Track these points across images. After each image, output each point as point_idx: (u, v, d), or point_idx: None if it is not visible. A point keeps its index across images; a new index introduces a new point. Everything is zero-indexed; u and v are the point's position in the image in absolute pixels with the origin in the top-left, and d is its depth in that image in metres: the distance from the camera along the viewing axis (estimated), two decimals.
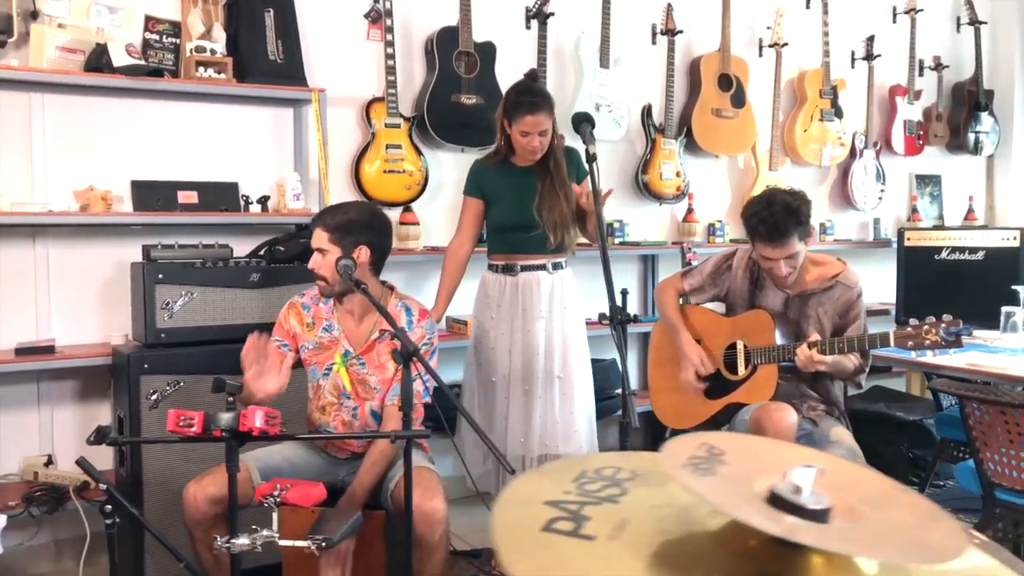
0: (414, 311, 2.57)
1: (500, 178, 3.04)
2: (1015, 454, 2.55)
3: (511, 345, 3.02)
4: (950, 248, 4.71)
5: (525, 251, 3.02)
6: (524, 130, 2.92)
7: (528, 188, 3.00)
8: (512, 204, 3.01)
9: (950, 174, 5.71)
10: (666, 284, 3.11)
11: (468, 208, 3.12)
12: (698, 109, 4.53)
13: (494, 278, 3.08)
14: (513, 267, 3.04)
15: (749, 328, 2.86)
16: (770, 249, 2.69)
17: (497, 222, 3.07)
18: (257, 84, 3.31)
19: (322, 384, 2.56)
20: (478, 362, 3.12)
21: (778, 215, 2.66)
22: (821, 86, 4.95)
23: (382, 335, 2.52)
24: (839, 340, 2.66)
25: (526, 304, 3.02)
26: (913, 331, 2.57)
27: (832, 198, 5.25)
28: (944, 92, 5.51)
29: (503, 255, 3.07)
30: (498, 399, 3.03)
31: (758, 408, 2.70)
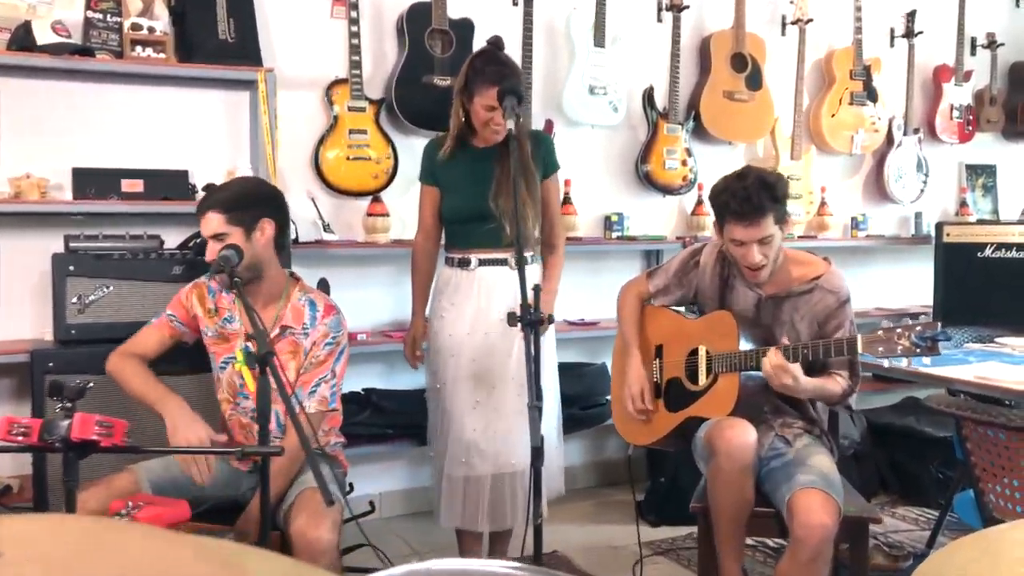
0: (319, 306, 2.31)
1: (455, 163, 2.72)
2: (1018, 484, 2.15)
3: (461, 348, 2.71)
4: (995, 245, 4.22)
5: (483, 245, 2.70)
6: (489, 103, 2.57)
7: (485, 174, 2.68)
8: (467, 192, 2.70)
9: (1007, 163, 5.17)
10: (629, 287, 2.77)
11: (425, 197, 2.82)
12: (707, 92, 4.16)
13: (449, 273, 2.78)
14: (468, 261, 2.73)
15: (712, 331, 2.51)
16: (741, 229, 2.34)
17: (451, 212, 2.76)
18: (200, 64, 3.11)
19: (220, 377, 2.34)
20: (430, 368, 2.83)
21: (751, 188, 2.32)
22: (852, 66, 4.51)
23: (283, 331, 2.28)
24: (803, 345, 2.29)
25: (483, 303, 2.70)
26: (884, 335, 2.18)
27: (867, 190, 4.79)
28: (999, 73, 4.98)
29: (459, 249, 2.76)
30: (445, 408, 2.74)
31: (712, 425, 2.35)
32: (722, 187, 2.40)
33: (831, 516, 2.16)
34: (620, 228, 4.06)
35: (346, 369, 2.35)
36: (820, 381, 2.35)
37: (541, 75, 3.87)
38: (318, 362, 2.27)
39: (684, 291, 2.63)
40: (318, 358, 2.27)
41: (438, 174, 2.76)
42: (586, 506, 3.81)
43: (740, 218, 2.33)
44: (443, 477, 2.69)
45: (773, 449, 2.42)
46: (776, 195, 2.35)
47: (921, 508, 3.71)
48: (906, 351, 2.13)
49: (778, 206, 2.36)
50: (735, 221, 2.35)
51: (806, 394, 2.34)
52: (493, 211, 2.64)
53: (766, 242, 2.36)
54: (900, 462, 3.90)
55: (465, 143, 2.73)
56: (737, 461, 2.22)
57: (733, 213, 2.34)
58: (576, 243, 3.91)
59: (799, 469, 2.29)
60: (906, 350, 2.13)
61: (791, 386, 2.28)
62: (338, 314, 2.33)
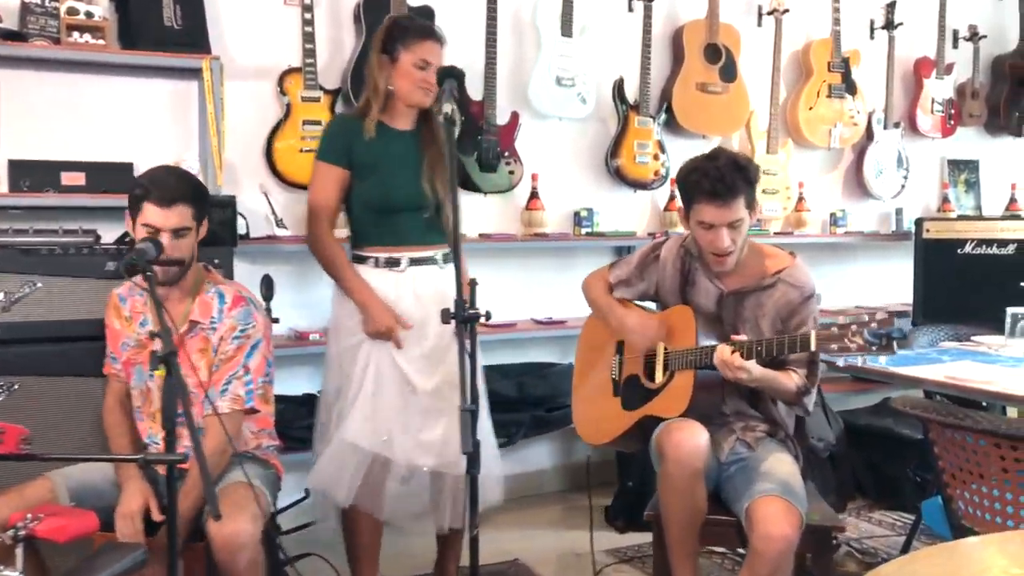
0: (227, 297, 2.17)
1: (376, 142, 2.43)
2: (987, 491, 2.03)
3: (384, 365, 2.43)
4: (976, 241, 4.11)
5: (414, 240, 2.46)
6: (424, 58, 2.37)
7: (412, 155, 2.45)
8: (396, 176, 2.44)
9: (989, 158, 5.06)
10: (593, 276, 2.66)
11: (330, 179, 2.43)
12: (680, 83, 4.03)
13: (372, 275, 2.47)
14: (398, 261, 2.46)
15: (671, 326, 2.39)
16: (713, 209, 2.22)
17: (376, 200, 2.45)
18: (143, 52, 2.97)
19: (150, 387, 2.20)
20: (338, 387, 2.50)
21: (724, 168, 2.23)
22: (830, 58, 4.39)
23: (192, 327, 2.14)
24: (756, 342, 2.16)
25: (417, 312, 2.44)
26: (837, 332, 2.06)
27: (846, 185, 4.68)
28: (981, 66, 4.87)
29: (382, 246, 2.47)
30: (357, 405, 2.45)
31: (662, 427, 2.22)
32: (692, 167, 2.30)
33: (792, 526, 2.04)
34: (589, 224, 3.94)
35: (266, 365, 2.20)
36: (776, 374, 2.24)
37: (506, 65, 3.74)
38: (227, 358, 2.13)
39: (645, 285, 2.51)
40: (227, 353, 2.13)
41: (356, 155, 2.44)
42: (553, 511, 3.68)
43: (712, 198, 2.22)
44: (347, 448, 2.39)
45: (735, 454, 2.30)
46: (749, 177, 2.26)
47: (898, 512, 3.59)
48: (860, 349, 2.01)
49: (750, 189, 2.27)
50: (707, 201, 2.24)
51: (758, 384, 2.23)
52: (428, 197, 2.43)
53: (736, 226, 2.26)
54: (877, 465, 3.78)
55: (380, 122, 2.47)
56: (686, 466, 2.09)
57: (705, 193, 2.23)
58: (543, 239, 3.80)
59: (760, 476, 2.17)
60: (860, 348, 2.01)
61: (745, 379, 2.18)
62: (248, 305, 2.19)
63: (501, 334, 3.66)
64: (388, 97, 2.44)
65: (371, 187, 2.45)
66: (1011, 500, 1.98)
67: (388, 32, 2.43)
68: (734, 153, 2.35)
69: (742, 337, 2.20)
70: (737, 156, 2.31)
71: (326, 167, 2.46)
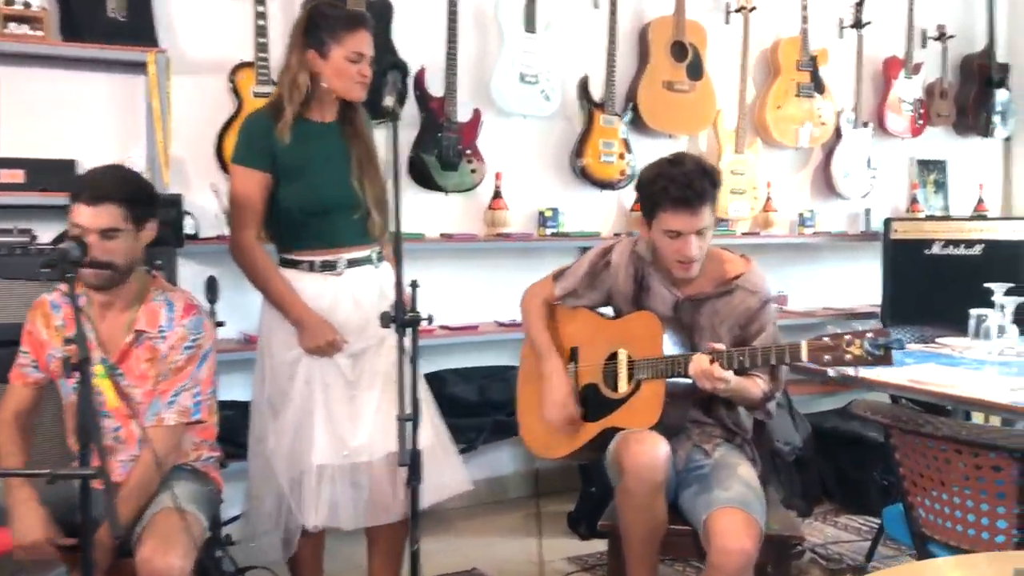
0: (177, 306, 2.07)
1: (297, 141, 2.26)
2: (947, 499, 1.97)
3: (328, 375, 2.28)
4: (943, 241, 4.08)
5: (350, 240, 2.31)
6: (357, 51, 2.22)
7: (338, 151, 2.30)
8: (327, 176, 2.28)
9: (957, 159, 5.03)
10: (533, 291, 2.54)
11: (252, 184, 2.25)
12: (646, 81, 3.97)
13: (307, 280, 2.30)
14: (334, 264, 2.31)
15: (633, 333, 2.29)
16: (684, 218, 2.13)
17: (308, 203, 2.28)
18: (84, 44, 2.86)
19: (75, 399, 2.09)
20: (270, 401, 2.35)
21: (691, 174, 2.14)
22: (798, 57, 4.34)
23: (138, 337, 2.04)
24: (739, 352, 2.08)
25: (356, 316, 2.29)
26: (832, 343, 1.97)
27: (814, 185, 4.63)
28: (950, 66, 4.85)
29: (318, 249, 2.31)
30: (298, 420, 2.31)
31: (620, 439, 2.14)
32: (657, 173, 2.19)
33: (751, 539, 1.96)
34: (554, 224, 3.86)
35: (213, 374, 2.11)
36: (744, 382, 2.16)
37: (468, 61, 3.66)
38: (177, 368, 2.03)
39: (596, 294, 2.42)
40: (177, 364, 2.03)
41: (278, 156, 2.26)
42: (516, 518, 3.60)
43: (681, 206, 2.13)
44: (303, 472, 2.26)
45: (691, 461, 2.22)
46: (715, 181, 2.19)
47: (864, 517, 3.54)
48: (856, 360, 1.91)
49: (715, 193, 2.19)
50: (675, 209, 2.14)
51: (731, 394, 2.14)
52: (359, 195, 2.28)
53: (703, 233, 2.18)
54: (843, 468, 3.73)
55: (301, 116, 2.28)
56: (646, 481, 2.01)
57: (673, 200, 2.13)
58: (506, 239, 3.72)
59: (718, 485, 2.09)
60: (856, 359, 1.91)
61: (722, 390, 2.09)
62: (199, 314, 2.09)
63: (463, 337, 3.58)
64: (310, 92, 2.27)
65: (300, 190, 2.28)
66: (972, 508, 1.92)
67: (311, 23, 2.24)
68: (697, 157, 2.26)
69: (720, 346, 2.11)
70: (701, 160, 2.22)
71: (245, 171, 2.28)
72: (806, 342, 2.01)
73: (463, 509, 3.53)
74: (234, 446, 3.05)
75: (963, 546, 1.96)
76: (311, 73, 2.25)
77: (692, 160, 2.20)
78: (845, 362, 1.97)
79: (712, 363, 2.04)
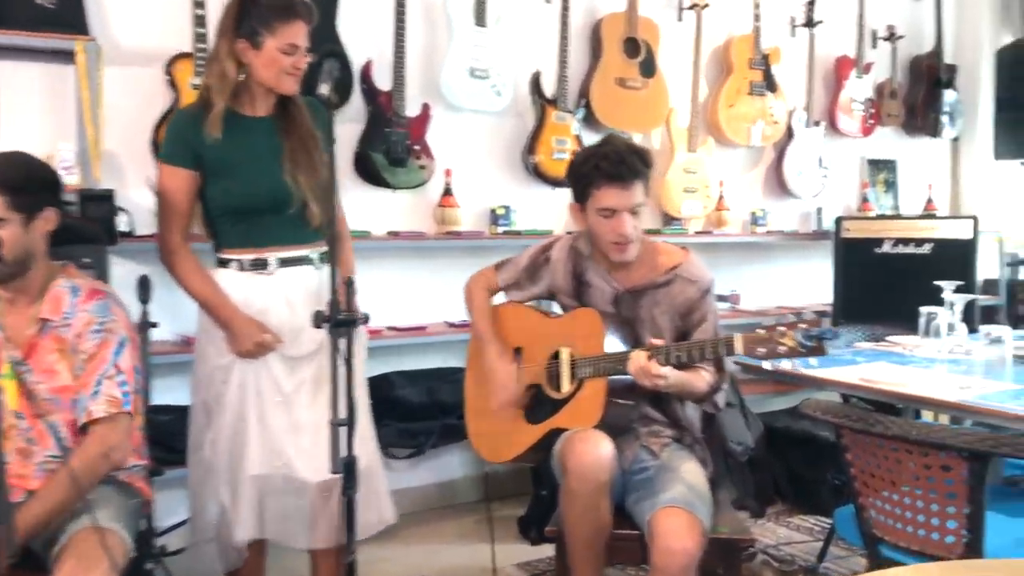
0: (82, 291, 1.95)
1: (228, 138, 2.14)
2: (898, 499, 1.93)
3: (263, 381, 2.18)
4: (893, 240, 4.09)
5: (283, 239, 2.19)
6: (292, 42, 2.09)
7: (270, 147, 2.17)
8: (258, 173, 2.16)
9: (907, 159, 5.07)
10: (476, 278, 2.51)
11: (177, 182, 2.15)
12: (598, 78, 3.92)
13: (237, 280, 2.20)
14: (265, 262, 2.18)
15: (575, 331, 2.25)
16: (616, 192, 2.13)
17: (235, 203, 2.17)
18: (7, 31, 2.72)
19: None
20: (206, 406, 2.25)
21: (621, 151, 2.16)
22: (750, 55, 4.34)
23: (44, 326, 1.92)
24: (676, 347, 2.05)
25: (287, 316, 2.18)
26: (765, 335, 1.96)
27: (767, 184, 4.63)
28: (899, 66, 4.88)
29: (248, 248, 2.19)
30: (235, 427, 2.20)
31: (565, 437, 2.08)
32: (587, 155, 2.22)
33: (694, 539, 1.92)
34: (506, 222, 3.79)
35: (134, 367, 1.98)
36: (689, 376, 2.13)
37: (416, 55, 3.58)
38: (91, 355, 1.91)
39: (537, 289, 2.39)
40: (88, 351, 1.91)
41: (206, 153, 2.15)
42: (466, 523, 3.52)
43: (614, 180, 2.13)
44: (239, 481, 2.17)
45: (638, 462, 2.17)
46: (645, 159, 2.19)
47: (817, 517, 3.53)
48: (790, 352, 1.91)
49: (647, 172, 2.18)
50: (608, 184, 2.13)
51: (674, 389, 2.12)
52: (293, 193, 2.15)
53: (636, 211, 2.17)
54: (796, 469, 3.71)
55: (231, 110, 2.17)
56: (590, 480, 1.96)
57: (606, 176, 2.13)
58: (456, 238, 3.64)
59: (663, 486, 2.05)
60: (790, 351, 1.91)
61: (662, 386, 2.07)
62: (106, 299, 1.97)
63: (411, 338, 3.49)
64: (240, 84, 2.16)
65: (227, 189, 2.17)
66: (922, 508, 1.89)
67: (243, 10, 2.11)
68: (626, 139, 2.32)
69: (659, 341, 2.08)
70: (630, 141, 2.26)
71: (171, 170, 2.17)
72: (740, 335, 2.01)
73: (411, 515, 3.45)
74: (172, 452, 2.95)
75: (913, 547, 1.93)
76: (242, 64, 2.14)
77: (621, 140, 2.24)
78: (779, 354, 1.97)
79: (650, 360, 2.00)
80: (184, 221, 2.20)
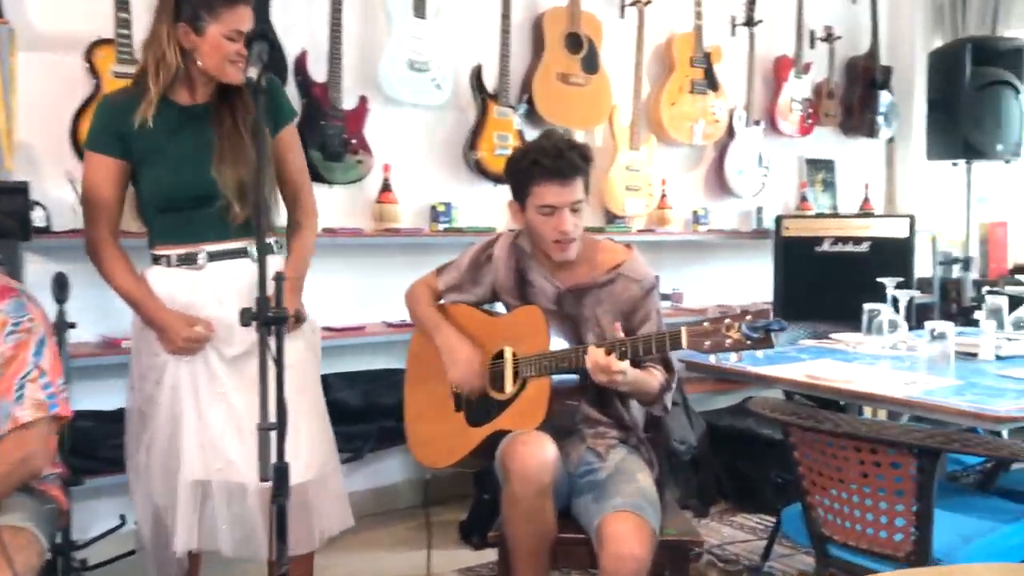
0: None
1: (158, 125, 2.01)
2: (847, 497, 1.91)
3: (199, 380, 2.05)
4: (833, 238, 4.12)
5: (215, 233, 2.06)
6: (237, 28, 1.97)
7: (203, 137, 2.05)
8: (187, 165, 2.03)
9: (845, 159, 5.13)
10: (417, 284, 2.44)
11: (101, 172, 2.03)
12: (540, 73, 3.86)
13: (163, 276, 2.09)
14: (194, 257, 2.07)
15: (518, 330, 2.18)
16: (555, 188, 2.07)
17: (166, 193, 2.05)
18: None
19: None
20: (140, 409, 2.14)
21: (561, 145, 2.10)
22: (692, 53, 4.32)
23: None
24: (620, 342, 1.99)
25: (226, 316, 2.03)
26: (711, 328, 1.92)
27: (708, 183, 4.63)
28: (837, 66, 4.93)
29: (176, 242, 2.07)
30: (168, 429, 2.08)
31: (507, 440, 2.01)
32: (524, 151, 2.18)
33: (644, 544, 1.86)
34: (447, 219, 3.70)
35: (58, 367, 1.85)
36: (643, 374, 2.08)
37: (353, 45, 3.46)
38: (9, 358, 1.77)
39: (481, 290, 2.32)
40: (4, 355, 1.78)
41: (132, 142, 2.02)
42: (405, 529, 3.42)
43: (554, 176, 2.07)
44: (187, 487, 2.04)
45: (584, 464, 2.11)
46: (585, 155, 2.13)
47: (760, 516, 3.52)
48: (736, 344, 1.87)
49: (587, 168, 2.13)
50: (548, 180, 2.08)
51: (629, 387, 2.05)
52: (220, 190, 2.03)
53: (576, 209, 2.11)
54: (739, 467, 3.70)
55: (165, 98, 2.04)
56: (533, 483, 1.89)
57: (546, 171, 2.07)
58: (395, 235, 3.54)
59: (611, 489, 1.99)
60: (736, 343, 1.87)
61: (620, 383, 2.00)
62: (20, 297, 1.83)
63: (348, 338, 3.38)
64: (178, 71, 2.03)
65: (157, 179, 2.05)
66: (871, 507, 1.87)
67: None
68: (565, 135, 2.23)
69: (619, 334, 2.01)
70: (570, 136, 2.20)
71: (97, 158, 2.04)
72: (685, 328, 1.96)
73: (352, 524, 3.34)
74: (93, 460, 2.79)
75: (861, 546, 1.91)
76: (182, 49, 2.02)
77: (559, 135, 2.19)
78: (725, 347, 1.93)
79: (609, 355, 1.94)
80: (111, 214, 2.08)
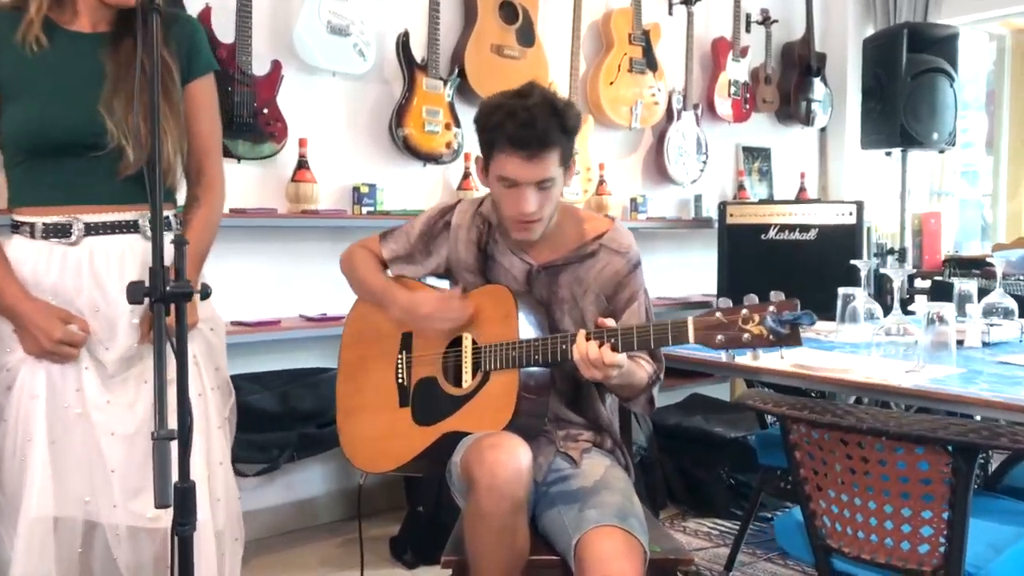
0: None
1: (34, 50, 1.60)
2: (860, 504, 1.65)
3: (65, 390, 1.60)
4: (779, 226, 3.93)
5: (97, 195, 1.62)
6: None
7: (90, 68, 1.63)
8: (58, 97, 1.61)
9: (780, 147, 4.99)
10: (356, 248, 2.08)
11: None
12: (473, 43, 3.53)
13: (30, 251, 1.62)
14: (68, 228, 1.62)
15: (481, 313, 1.85)
16: (517, 162, 1.73)
17: (26, 135, 1.61)
18: None
19: None
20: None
21: (535, 109, 1.72)
22: (631, 30, 4.07)
23: None
24: (610, 333, 1.67)
25: (107, 306, 1.61)
26: (726, 319, 1.61)
27: (647, 169, 4.39)
28: (773, 51, 4.77)
29: (46, 205, 1.62)
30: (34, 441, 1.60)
31: (470, 445, 1.68)
32: (497, 104, 1.78)
33: (634, 563, 1.56)
34: (372, 201, 3.33)
35: None
36: (633, 367, 1.78)
37: (265, 5, 3.07)
38: None
39: (434, 261, 1.97)
40: None
41: (2, 68, 1.61)
42: (326, 547, 3.04)
43: (518, 146, 1.72)
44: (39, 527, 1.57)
45: (554, 471, 1.79)
46: (566, 124, 1.76)
47: (713, 520, 3.28)
48: (756, 340, 1.56)
49: (567, 140, 1.77)
50: (510, 150, 1.73)
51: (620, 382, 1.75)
52: (106, 128, 1.59)
53: (545, 187, 1.77)
54: (688, 468, 3.46)
55: (50, 20, 1.64)
56: (506, 497, 1.56)
57: (509, 139, 1.72)
58: (313, 217, 3.15)
59: (589, 500, 1.68)
60: (756, 339, 1.56)
61: (612, 378, 1.70)
62: None
63: (260, 334, 2.97)
64: None
65: (18, 113, 1.61)
66: (891, 514, 1.61)
67: None
68: (551, 92, 1.83)
69: (610, 322, 1.71)
70: (555, 97, 1.80)
71: None
72: (692, 319, 1.66)
73: (264, 541, 2.95)
74: None
75: (877, 559, 1.65)
76: None
77: (542, 94, 1.78)
78: (743, 343, 1.63)
79: (601, 346, 1.63)
80: None
